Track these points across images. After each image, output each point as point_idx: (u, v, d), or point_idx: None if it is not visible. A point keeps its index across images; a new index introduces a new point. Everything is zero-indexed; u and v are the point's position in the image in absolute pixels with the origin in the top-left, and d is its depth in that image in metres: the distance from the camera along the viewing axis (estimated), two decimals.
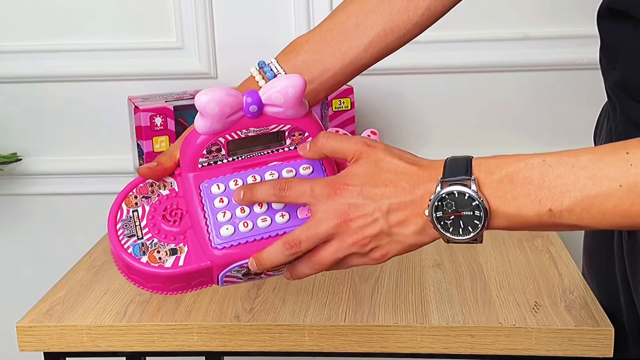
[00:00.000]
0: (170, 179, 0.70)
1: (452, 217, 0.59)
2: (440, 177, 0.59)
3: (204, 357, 1.25)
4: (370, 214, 0.61)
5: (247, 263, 0.65)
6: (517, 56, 1.30)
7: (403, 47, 1.11)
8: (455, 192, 0.58)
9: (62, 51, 1.35)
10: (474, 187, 0.58)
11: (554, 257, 0.97)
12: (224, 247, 0.65)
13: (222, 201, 0.67)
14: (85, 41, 1.35)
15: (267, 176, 0.68)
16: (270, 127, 0.68)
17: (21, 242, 1.47)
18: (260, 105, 0.66)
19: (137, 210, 0.69)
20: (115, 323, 0.84)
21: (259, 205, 0.66)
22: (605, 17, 0.74)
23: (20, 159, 1.40)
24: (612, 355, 0.80)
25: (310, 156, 0.67)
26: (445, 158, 0.61)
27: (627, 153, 0.54)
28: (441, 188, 0.59)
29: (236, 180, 0.68)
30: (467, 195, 0.58)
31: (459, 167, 0.59)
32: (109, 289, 0.92)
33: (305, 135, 0.69)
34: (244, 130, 0.67)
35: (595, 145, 0.88)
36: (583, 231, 0.93)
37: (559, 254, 0.98)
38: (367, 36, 0.76)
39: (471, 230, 0.59)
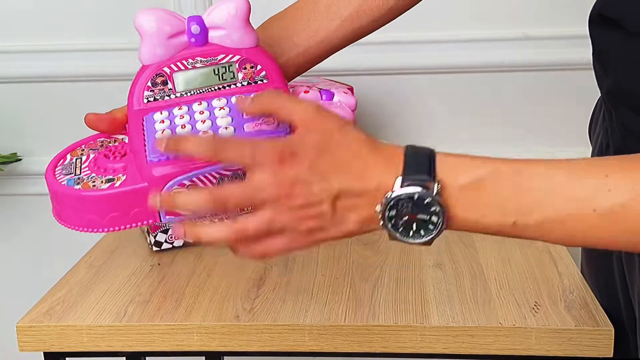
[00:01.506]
0: (122, 136, 0.67)
1: (406, 218, 0.54)
2: (400, 174, 0.54)
3: (204, 357, 1.25)
4: (316, 194, 0.55)
5: (187, 179, 0.59)
6: (517, 56, 1.30)
7: (404, 47, 1.11)
8: (415, 194, 0.53)
9: (61, 51, 1.35)
10: (436, 190, 0.53)
11: (554, 257, 0.97)
12: (160, 160, 0.60)
13: (163, 122, 0.62)
14: (85, 41, 1.35)
15: (215, 102, 0.63)
16: (219, 58, 0.64)
17: (21, 242, 1.47)
18: (203, 27, 0.63)
19: (80, 158, 0.66)
20: (115, 323, 0.84)
21: (201, 121, 0.61)
22: (596, 22, 0.73)
23: (20, 159, 1.40)
24: (612, 355, 0.80)
25: (250, 111, 0.59)
26: (405, 147, 0.55)
27: (606, 176, 0.50)
28: (400, 186, 0.53)
29: (180, 107, 0.63)
30: (427, 199, 0.53)
31: (421, 165, 0.54)
32: (109, 289, 0.92)
33: (259, 68, 0.65)
34: (190, 61, 0.64)
35: (590, 140, 0.88)
36: None
37: (559, 254, 0.98)
38: (338, 16, 0.75)
39: (423, 234, 0.55)
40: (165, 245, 1.02)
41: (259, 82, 0.66)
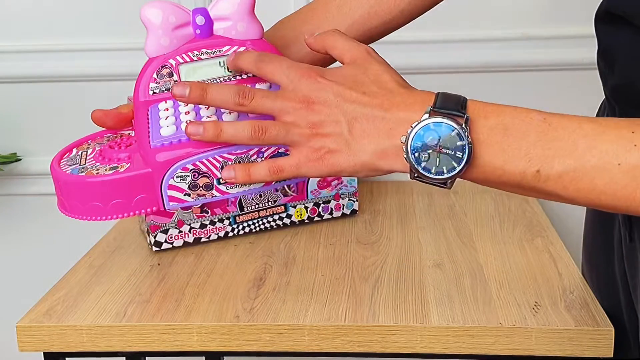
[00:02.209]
0: (128, 132, 0.68)
1: (430, 151, 0.55)
2: (430, 106, 0.56)
3: (203, 357, 1.25)
4: (334, 113, 0.57)
5: (190, 162, 0.61)
6: (517, 56, 1.30)
7: (403, 46, 1.10)
8: (443, 124, 0.54)
9: (61, 51, 1.35)
10: (464, 125, 0.54)
11: (554, 257, 0.97)
12: (163, 145, 0.61)
13: (167, 110, 0.63)
14: (85, 41, 1.35)
15: None
16: (224, 50, 0.65)
17: (21, 242, 1.47)
18: (208, 18, 0.64)
19: (86, 151, 0.66)
20: (115, 323, 0.84)
21: (205, 107, 0.62)
22: (603, 20, 0.73)
23: (20, 159, 1.40)
24: (612, 355, 0.80)
25: (312, 43, 0.63)
26: (437, 91, 0.58)
27: (633, 132, 0.51)
28: (429, 117, 0.55)
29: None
30: (454, 131, 0.54)
31: (452, 102, 0.56)
32: (108, 289, 0.92)
33: None
34: (195, 53, 0.64)
35: None
36: (583, 229, 0.93)
37: (559, 254, 0.98)
38: (350, 17, 0.75)
39: (446, 171, 0.55)
40: (165, 245, 1.02)
41: None
